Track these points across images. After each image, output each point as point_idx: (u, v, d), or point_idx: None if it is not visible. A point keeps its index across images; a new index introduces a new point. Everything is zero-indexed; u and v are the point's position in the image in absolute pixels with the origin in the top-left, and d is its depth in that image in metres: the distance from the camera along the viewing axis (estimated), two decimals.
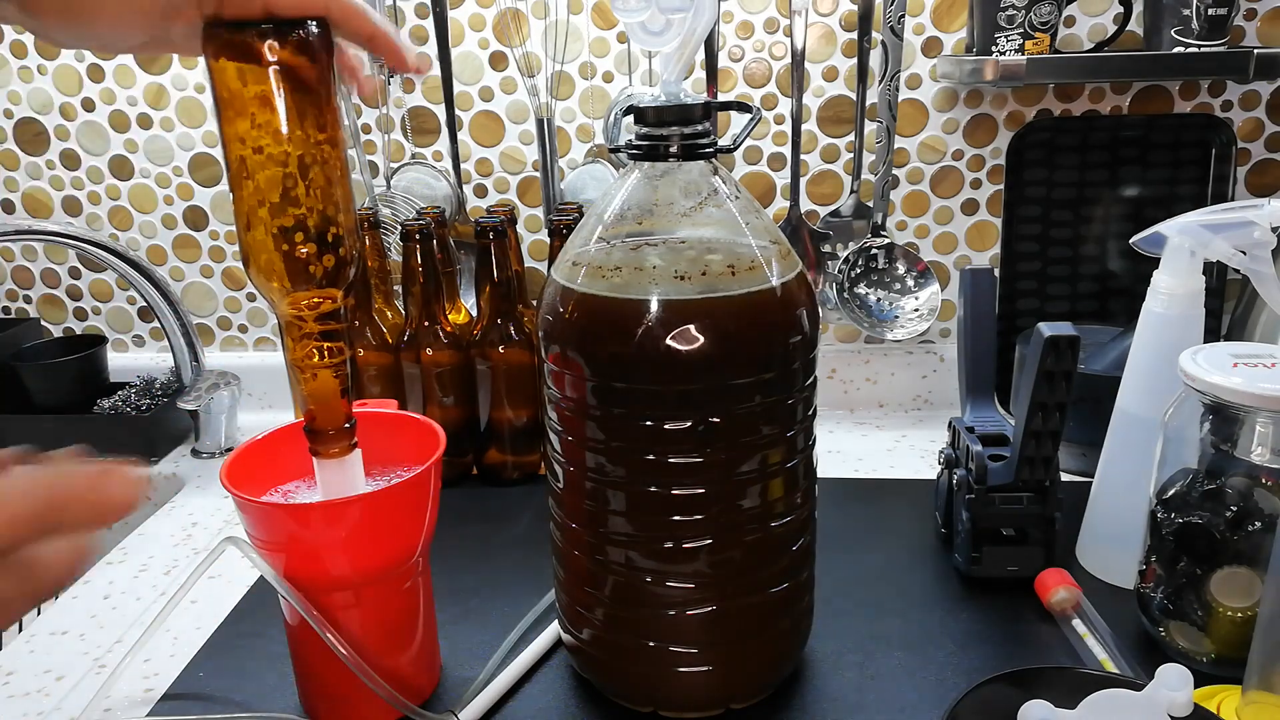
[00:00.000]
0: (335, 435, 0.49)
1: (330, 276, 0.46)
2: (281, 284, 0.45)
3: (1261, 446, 0.52)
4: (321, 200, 0.44)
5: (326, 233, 0.45)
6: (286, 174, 0.43)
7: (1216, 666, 0.54)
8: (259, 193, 0.43)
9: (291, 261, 0.44)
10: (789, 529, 0.52)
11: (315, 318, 0.46)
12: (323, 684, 0.54)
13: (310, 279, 0.45)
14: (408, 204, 0.95)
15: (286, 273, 0.45)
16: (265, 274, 0.45)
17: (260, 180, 0.43)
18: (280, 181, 0.43)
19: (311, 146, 0.43)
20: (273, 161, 0.43)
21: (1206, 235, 0.59)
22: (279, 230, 0.44)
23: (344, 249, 0.46)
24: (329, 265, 0.45)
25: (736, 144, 0.50)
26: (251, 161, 0.43)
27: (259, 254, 0.45)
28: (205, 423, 0.94)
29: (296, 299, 0.46)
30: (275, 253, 0.44)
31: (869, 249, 0.92)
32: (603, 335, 0.48)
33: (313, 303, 0.46)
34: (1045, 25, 0.81)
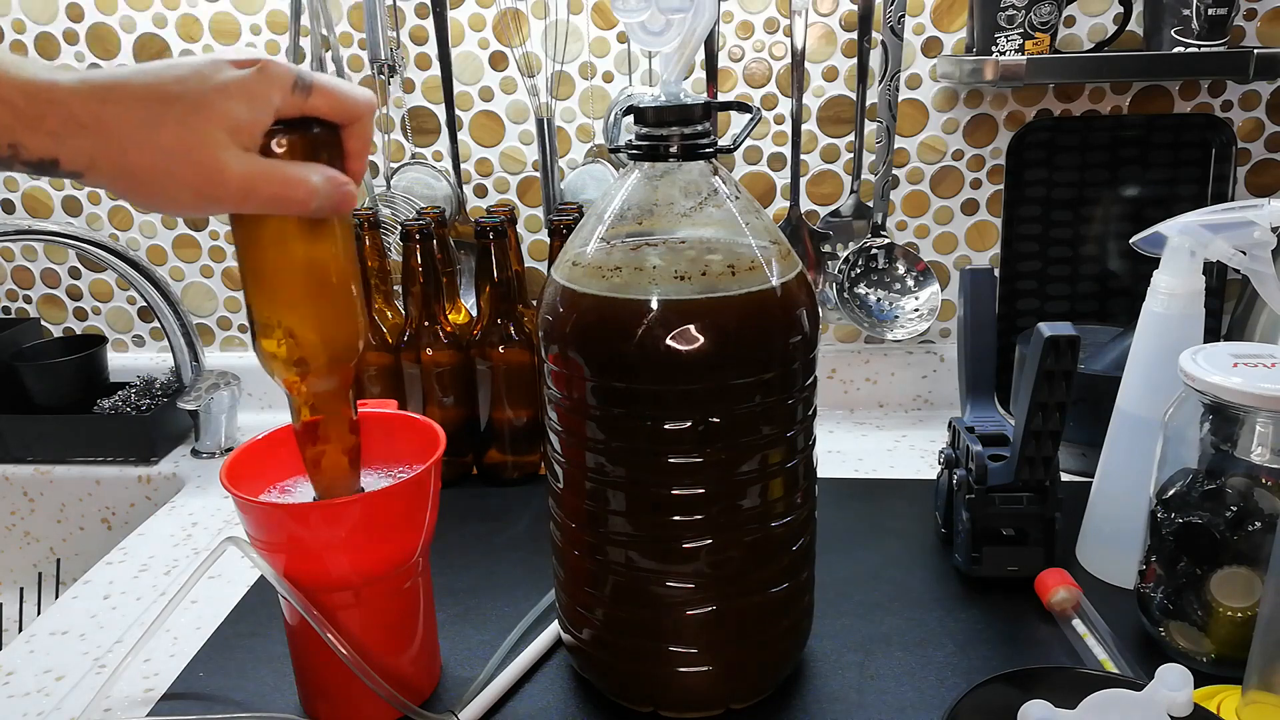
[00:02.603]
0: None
1: (333, 364, 0.47)
2: (286, 373, 0.47)
3: (1261, 446, 0.52)
4: (328, 303, 0.46)
5: (329, 336, 0.46)
6: (296, 274, 0.45)
7: (1216, 666, 0.54)
8: (263, 289, 0.45)
9: (290, 358, 0.46)
10: (789, 529, 0.52)
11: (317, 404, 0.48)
12: (323, 684, 0.54)
13: (310, 371, 0.47)
14: (408, 204, 0.95)
15: (287, 365, 0.46)
16: (272, 361, 0.47)
17: (268, 276, 0.45)
18: (289, 281, 0.45)
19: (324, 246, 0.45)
20: (281, 259, 0.45)
21: (1206, 235, 0.59)
22: (283, 330, 0.45)
23: (345, 351, 0.47)
24: (332, 355, 0.47)
25: (736, 144, 0.50)
26: (260, 256, 0.45)
27: (266, 346, 0.46)
28: (205, 423, 0.94)
29: (298, 387, 0.47)
30: (276, 351, 0.46)
31: (869, 249, 0.92)
32: (603, 335, 0.48)
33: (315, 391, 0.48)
34: (1045, 25, 0.81)
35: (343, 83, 0.44)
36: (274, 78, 0.41)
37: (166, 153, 0.39)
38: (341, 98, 0.43)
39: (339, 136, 0.44)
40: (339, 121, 0.44)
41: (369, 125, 0.45)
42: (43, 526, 0.97)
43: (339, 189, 0.43)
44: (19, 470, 0.95)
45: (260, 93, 0.40)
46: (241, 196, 0.41)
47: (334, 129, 0.44)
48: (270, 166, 0.41)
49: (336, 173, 0.43)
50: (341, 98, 0.43)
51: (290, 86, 0.41)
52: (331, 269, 0.45)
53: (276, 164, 0.41)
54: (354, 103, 0.44)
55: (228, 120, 0.39)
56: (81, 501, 0.95)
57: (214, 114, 0.39)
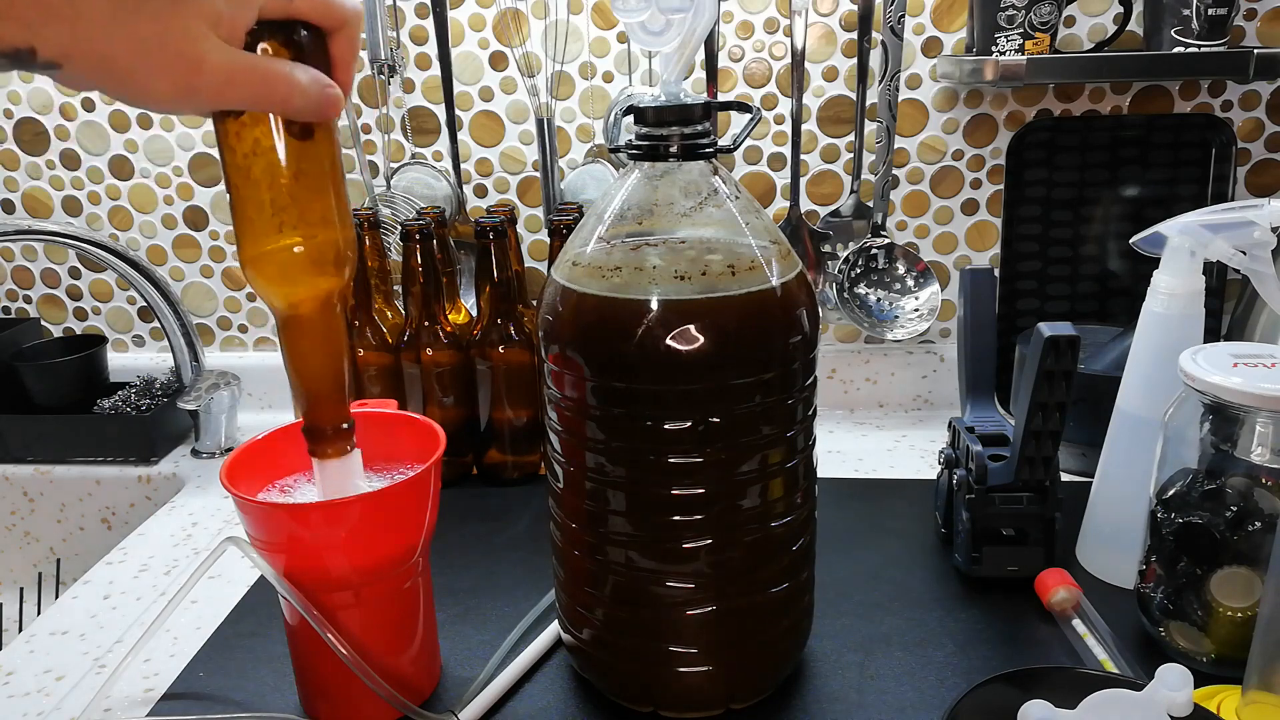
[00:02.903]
0: (334, 435, 0.49)
1: (325, 269, 0.46)
2: (279, 280, 0.45)
3: (1261, 446, 0.52)
4: (316, 200, 0.44)
5: (323, 231, 0.45)
6: (282, 167, 0.43)
7: (1216, 666, 0.54)
8: (255, 193, 0.43)
9: (287, 256, 0.44)
10: (789, 529, 0.52)
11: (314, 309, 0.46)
12: (323, 684, 0.54)
13: (306, 273, 0.45)
14: (408, 204, 0.95)
15: (282, 268, 0.45)
16: (261, 270, 0.45)
17: (256, 173, 0.43)
18: (277, 174, 0.43)
19: (306, 141, 0.43)
20: (269, 155, 0.43)
21: (1206, 235, 0.59)
22: (275, 228, 0.44)
23: (340, 244, 0.46)
24: (325, 257, 0.45)
25: (736, 144, 0.50)
26: (247, 161, 0.43)
27: (255, 245, 0.45)
28: (205, 423, 0.94)
29: (294, 293, 0.46)
30: (272, 249, 0.44)
31: (869, 249, 0.92)
32: (603, 335, 0.48)
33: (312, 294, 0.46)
34: (1045, 25, 0.81)
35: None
36: None
37: (143, 41, 0.37)
38: (327, 2, 0.42)
39: (325, 43, 0.43)
40: (325, 27, 0.43)
41: (356, 32, 0.44)
42: (43, 526, 0.97)
43: (324, 89, 0.42)
44: (19, 470, 0.95)
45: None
46: (221, 89, 0.39)
47: (320, 35, 0.43)
48: (253, 59, 0.40)
49: (321, 74, 0.42)
50: (327, 2, 0.42)
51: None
52: (318, 172, 0.44)
53: (259, 58, 0.40)
54: (340, 7, 0.42)
55: (209, 12, 0.38)
56: (81, 501, 0.95)
57: (195, 4, 0.38)
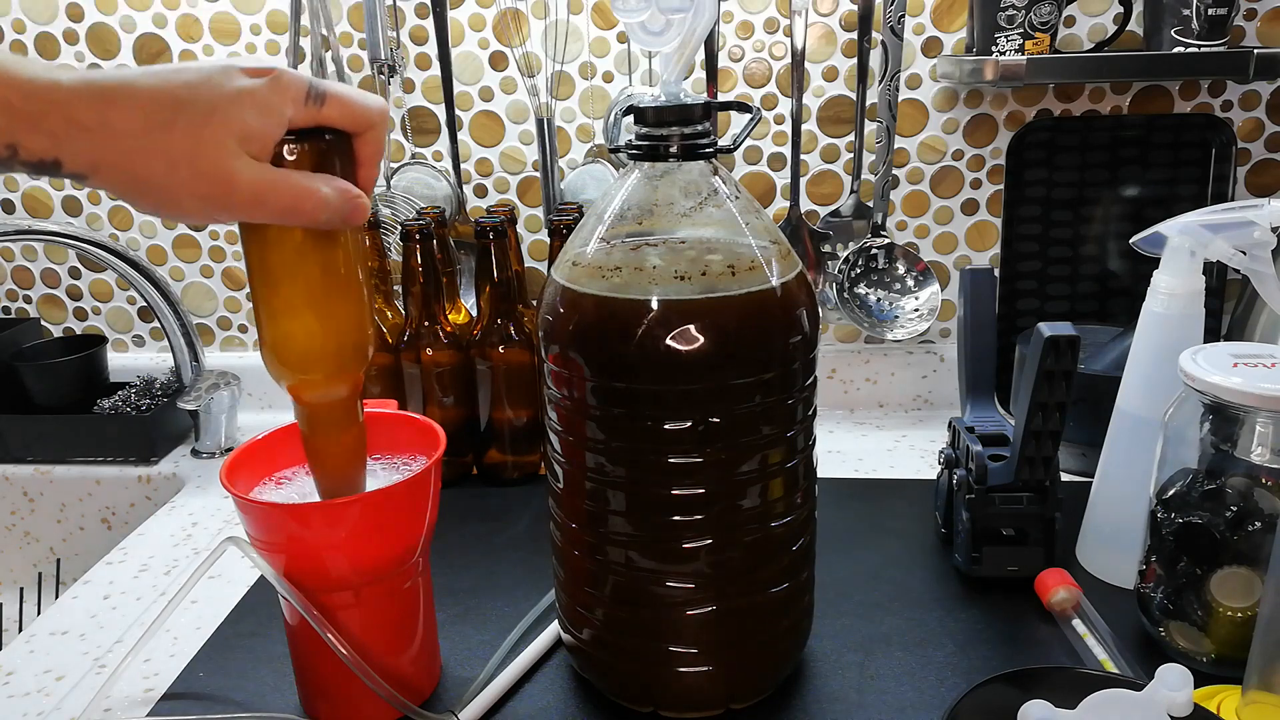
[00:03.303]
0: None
1: (346, 366, 0.47)
2: (296, 373, 0.47)
3: (1261, 446, 0.52)
4: (338, 301, 0.46)
5: (345, 331, 0.46)
6: (304, 275, 0.45)
7: (1216, 666, 0.54)
8: (277, 291, 0.45)
9: (308, 351, 0.46)
10: (789, 529, 0.52)
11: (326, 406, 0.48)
12: (323, 684, 0.54)
13: (326, 368, 0.47)
14: (408, 204, 0.95)
15: (295, 372, 0.46)
16: (284, 362, 0.46)
17: (278, 280, 0.45)
18: (297, 281, 0.45)
19: (330, 251, 0.45)
20: (289, 263, 0.44)
21: (1206, 235, 0.59)
22: (297, 326, 0.45)
23: (362, 343, 0.47)
24: (345, 355, 0.47)
25: (736, 144, 0.50)
26: (270, 263, 0.44)
27: (276, 344, 0.46)
28: (205, 423, 0.94)
29: (306, 394, 0.47)
30: (293, 346, 0.46)
31: (869, 249, 0.92)
32: (603, 335, 0.48)
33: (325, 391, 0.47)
34: (1045, 25, 0.81)
35: (355, 91, 0.43)
36: (287, 87, 0.40)
37: (174, 159, 0.38)
38: (355, 106, 0.43)
39: (351, 145, 0.44)
40: (352, 131, 0.43)
41: (382, 133, 0.45)
42: (43, 526, 0.97)
43: (350, 200, 0.43)
44: (19, 470, 0.95)
45: (273, 103, 0.40)
46: (251, 206, 0.40)
47: (346, 137, 0.43)
48: (281, 176, 0.40)
49: (348, 184, 0.43)
50: (355, 106, 0.43)
51: (304, 97, 0.41)
52: (341, 276, 0.45)
53: (287, 174, 0.41)
54: (367, 111, 0.43)
55: (239, 129, 0.39)
56: (81, 501, 0.95)
57: (225, 121, 0.38)
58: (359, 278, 0.46)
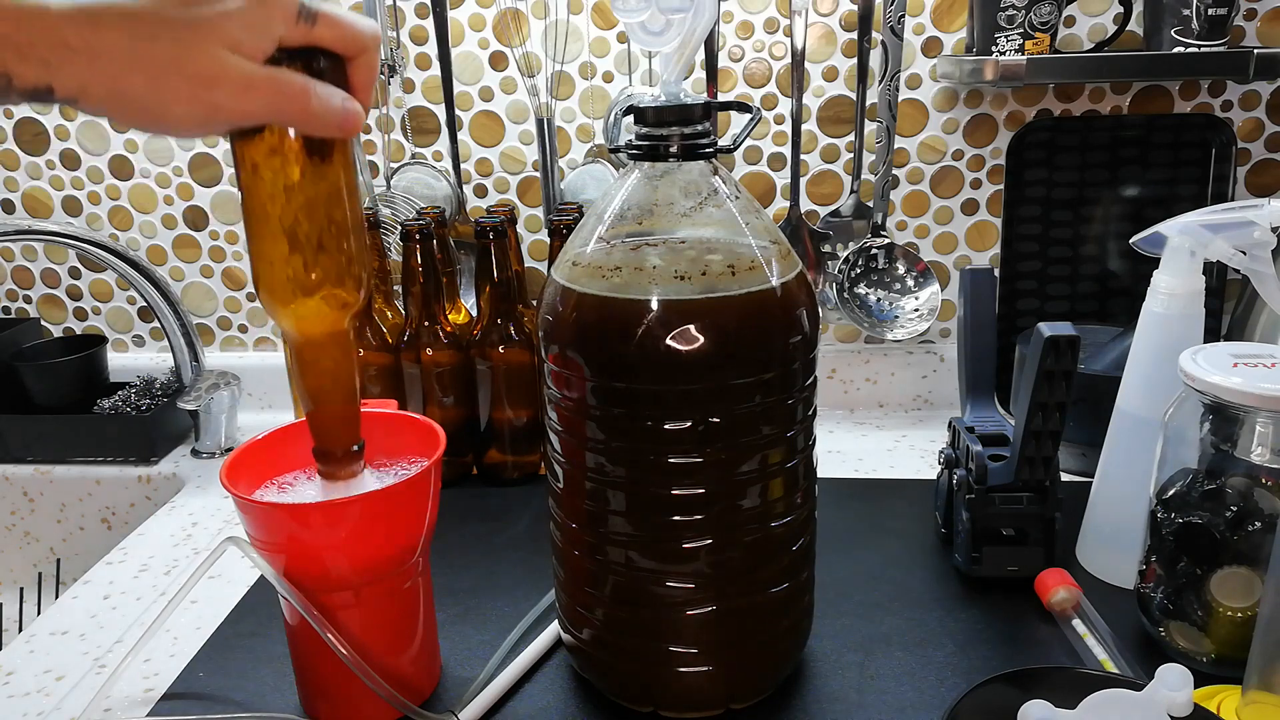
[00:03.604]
0: (344, 458, 0.49)
1: (340, 297, 0.46)
2: (294, 307, 0.46)
3: (1261, 446, 0.52)
4: (333, 228, 0.45)
5: (339, 259, 0.45)
6: (298, 199, 0.44)
7: (1216, 666, 0.54)
8: (271, 218, 0.44)
9: (303, 282, 0.45)
10: (789, 529, 0.52)
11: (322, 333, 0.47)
12: (323, 684, 0.54)
13: (321, 300, 0.46)
14: (408, 204, 0.95)
15: (298, 294, 0.46)
16: (277, 296, 0.45)
17: (272, 205, 0.44)
18: (291, 207, 0.44)
19: (323, 172, 0.44)
20: (284, 185, 0.44)
21: (1206, 235, 0.59)
22: (291, 255, 0.44)
23: (356, 272, 0.46)
24: (341, 284, 0.46)
25: (736, 144, 0.50)
26: (264, 185, 0.44)
27: (272, 278, 0.45)
28: (205, 423, 0.94)
29: (308, 319, 0.46)
30: (287, 276, 0.45)
31: (869, 249, 0.92)
32: (603, 335, 0.48)
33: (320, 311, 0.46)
34: (1045, 25, 0.81)
35: (348, 13, 0.42)
36: (277, 5, 0.39)
37: (160, 69, 0.37)
38: (347, 28, 0.42)
39: (344, 69, 0.43)
40: (345, 54, 0.43)
41: (375, 57, 0.44)
42: (43, 526, 0.97)
43: (344, 103, 0.42)
44: (19, 470, 0.95)
45: (262, 17, 0.39)
46: (239, 95, 0.39)
47: (339, 61, 0.43)
48: (271, 71, 0.40)
49: (341, 90, 0.42)
50: (347, 28, 0.42)
51: (294, 15, 0.40)
52: (335, 199, 0.44)
53: (280, 70, 0.40)
54: (360, 34, 0.43)
55: (227, 38, 0.38)
56: (81, 501, 0.95)
57: (212, 32, 0.38)
58: (354, 208, 0.46)
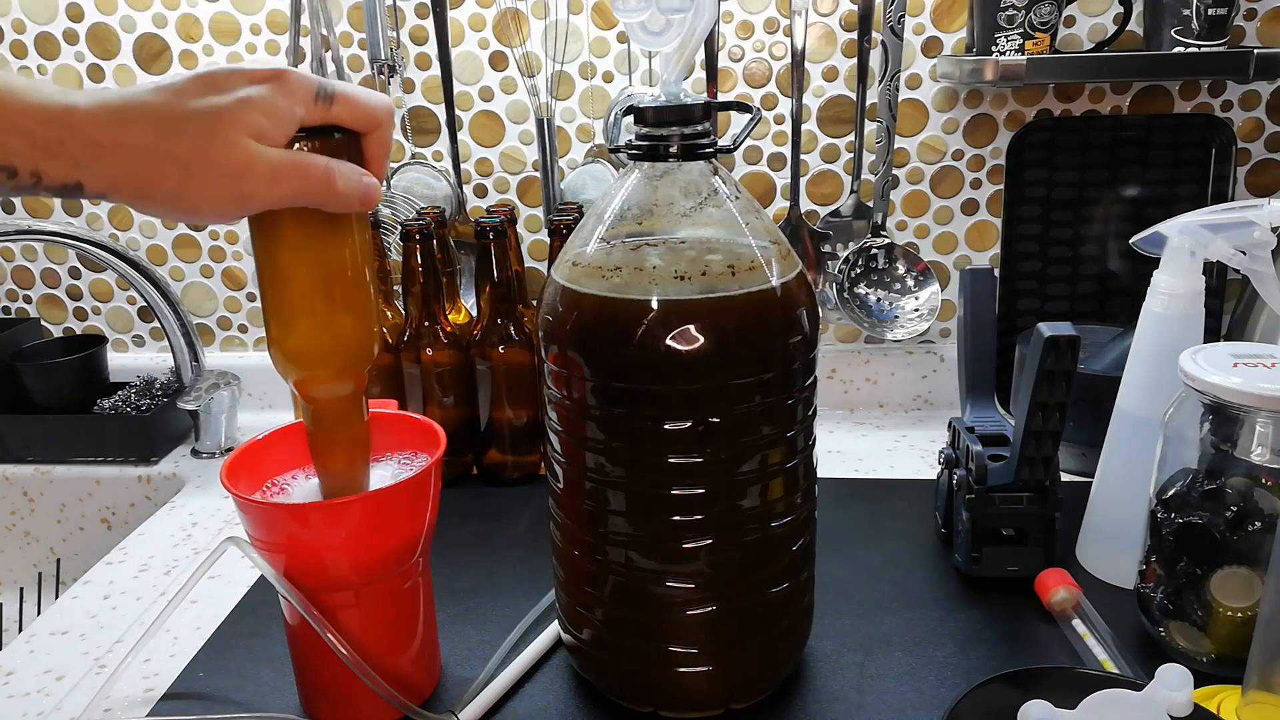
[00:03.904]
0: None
1: (353, 362, 0.48)
2: (302, 369, 0.47)
3: (1261, 446, 0.52)
4: (347, 297, 0.46)
5: (352, 328, 0.47)
6: (313, 276, 0.45)
7: (1216, 666, 0.54)
8: (287, 288, 0.45)
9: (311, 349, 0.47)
10: (789, 529, 0.52)
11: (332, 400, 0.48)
12: (323, 684, 0.54)
13: (325, 375, 0.47)
14: (408, 204, 0.95)
15: (301, 368, 0.47)
16: (291, 359, 0.47)
17: (288, 275, 0.45)
18: (308, 283, 0.45)
19: (338, 245, 0.45)
20: (300, 256, 0.45)
21: (1206, 235, 0.59)
22: (305, 321, 0.46)
23: (368, 341, 0.48)
24: (347, 358, 0.47)
25: (736, 144, 0.50)
26: (281, 256, 0.45)
27: (283, 339, 0.46)
28: (205, 423, 0.94)
29: (312, 391, 0.48)
30: (288, 338, 0.46)
31: (869, 249, 0.92)
32: (603, 335, 0.48)
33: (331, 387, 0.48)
34: (1045, 25, 0.81)
35: (363, 90, 0.44)
36: (295, 89, 0.41)
37: (188, 164, 0.39)
38: (363, 106, 0.43)
39: (359, 144, 0.44)
40: (360, 130, 0.44)
41: (389, 132, 0.45)
42: (43, 526, 0.97)
43: (363, 179, 0.43)
44: (19, 470, 0.95)
45: (282, 104, 0.40)
46: (268, 183, 0.40)
47: (355, 136, 0.44)
48: (298, 155, 0.41)
49: (359, 168, 0.44)
50: (363, 106, 0.43)
51: (313, 97, 0.41)
52: (349, 272, 0.46)
53: (301, 154, 0.41)
54: (375, 110, 0.44)
55: (251, 128, 0.39)
56: (81, 501, 0.95)
57: (235, 121, 0.39)
58: (366, 275, 0.47)
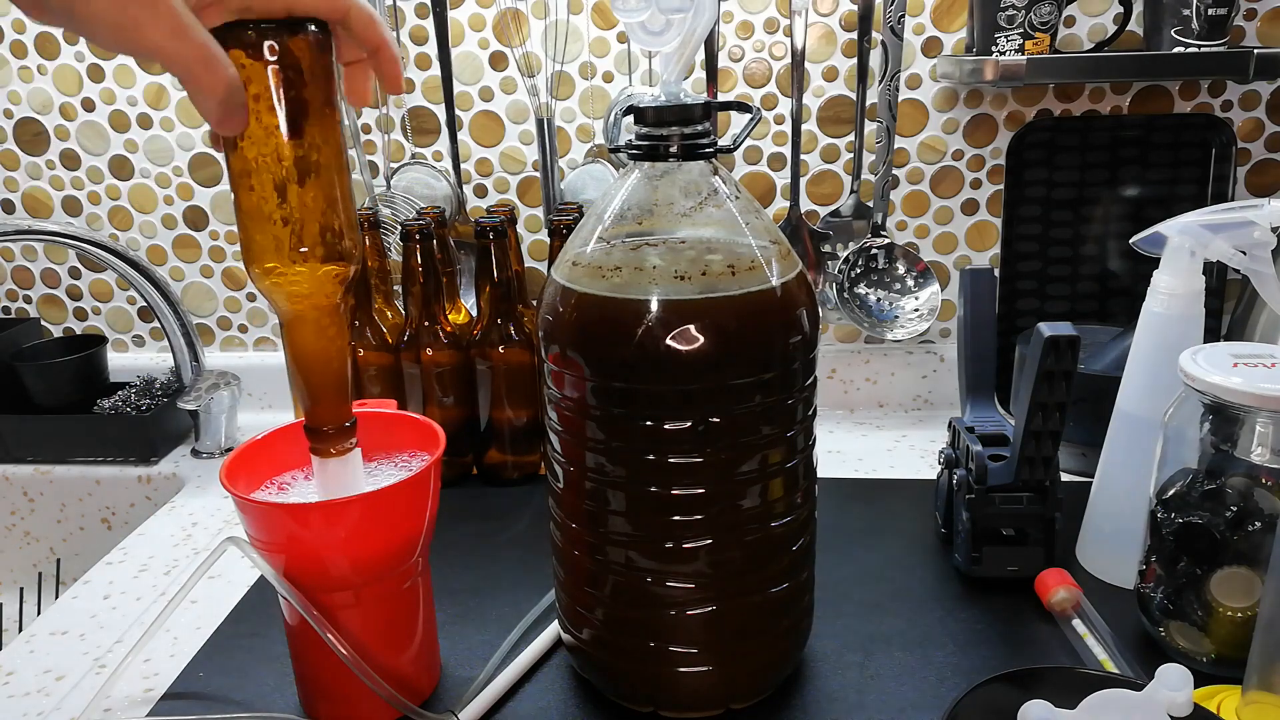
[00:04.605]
0: (336, 434, 0.49)
1: (330, 269, 0.46)
2: (281, 273, 0.45)
3: (1261, 446, 0.52)
4: (322, 200, 0.45)
5: (326, 231, 0.45)
6: (286, 174, 0.43)
7: (1216, 666, 0.54)
8: (259, 193, 0.44)
9: (293, 254, 0.45)
10: (789, 529, 0.52)
11: (314, 306, 0.47)
12: (323, 684, 0.54)
13: (308, 265, 0.46)
14: (408, 204, 0.95)
15: (287, 261, 0.45)
16: (265, 266, 0.45)
17: (260, 180, 0.44)
18: (280, 181, 0.43)
19: (310, 147, 0.44)
20: (272, 161, 0.43)
21: (1206, 235, 0.59)
22: (279, 228, 0.44)
23: (344, 243, 0.46)
24: (330, 255, 0.46)
25: (736, 144, 0.50)
26: (252, 161, 0.43)
27: (260, 252, 0.45)
28: (205, 423, 0.94)
29: (295, 288, 0.46)
30: (276, 249, 0.45)
31: (869, 249, 0.92)
32: (603, 335, 0.48)
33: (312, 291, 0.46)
34: (1045, 25, 0.81)
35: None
36: None
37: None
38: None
39: (329, 46, 0.42)
40: (329, 18, 0.41)
41: (365, 12, 0.42)
42: (43, 526, 0.97)
43: (233, 102, 0.39)
44: (19, 470, 0.95)
45: None
46: (165, 39, 0.37)
47: (323, 39, 0.42)
48: (204, 34, 0.38)
49: (242, 92, 0.40)
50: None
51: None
52: (323, 169, 0.44)
53: (210, 39, 0.38)
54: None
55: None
56: (81, 501, 0.95)
57: None
58: (342, 179, 0.45)
